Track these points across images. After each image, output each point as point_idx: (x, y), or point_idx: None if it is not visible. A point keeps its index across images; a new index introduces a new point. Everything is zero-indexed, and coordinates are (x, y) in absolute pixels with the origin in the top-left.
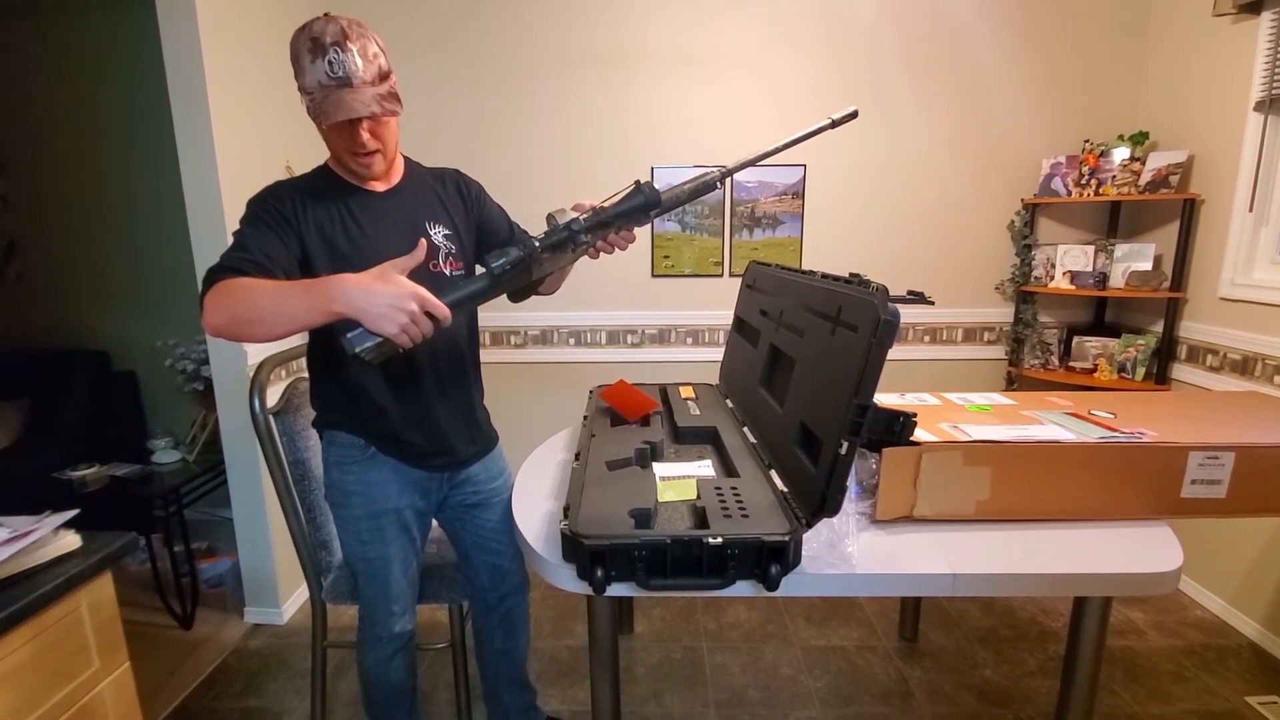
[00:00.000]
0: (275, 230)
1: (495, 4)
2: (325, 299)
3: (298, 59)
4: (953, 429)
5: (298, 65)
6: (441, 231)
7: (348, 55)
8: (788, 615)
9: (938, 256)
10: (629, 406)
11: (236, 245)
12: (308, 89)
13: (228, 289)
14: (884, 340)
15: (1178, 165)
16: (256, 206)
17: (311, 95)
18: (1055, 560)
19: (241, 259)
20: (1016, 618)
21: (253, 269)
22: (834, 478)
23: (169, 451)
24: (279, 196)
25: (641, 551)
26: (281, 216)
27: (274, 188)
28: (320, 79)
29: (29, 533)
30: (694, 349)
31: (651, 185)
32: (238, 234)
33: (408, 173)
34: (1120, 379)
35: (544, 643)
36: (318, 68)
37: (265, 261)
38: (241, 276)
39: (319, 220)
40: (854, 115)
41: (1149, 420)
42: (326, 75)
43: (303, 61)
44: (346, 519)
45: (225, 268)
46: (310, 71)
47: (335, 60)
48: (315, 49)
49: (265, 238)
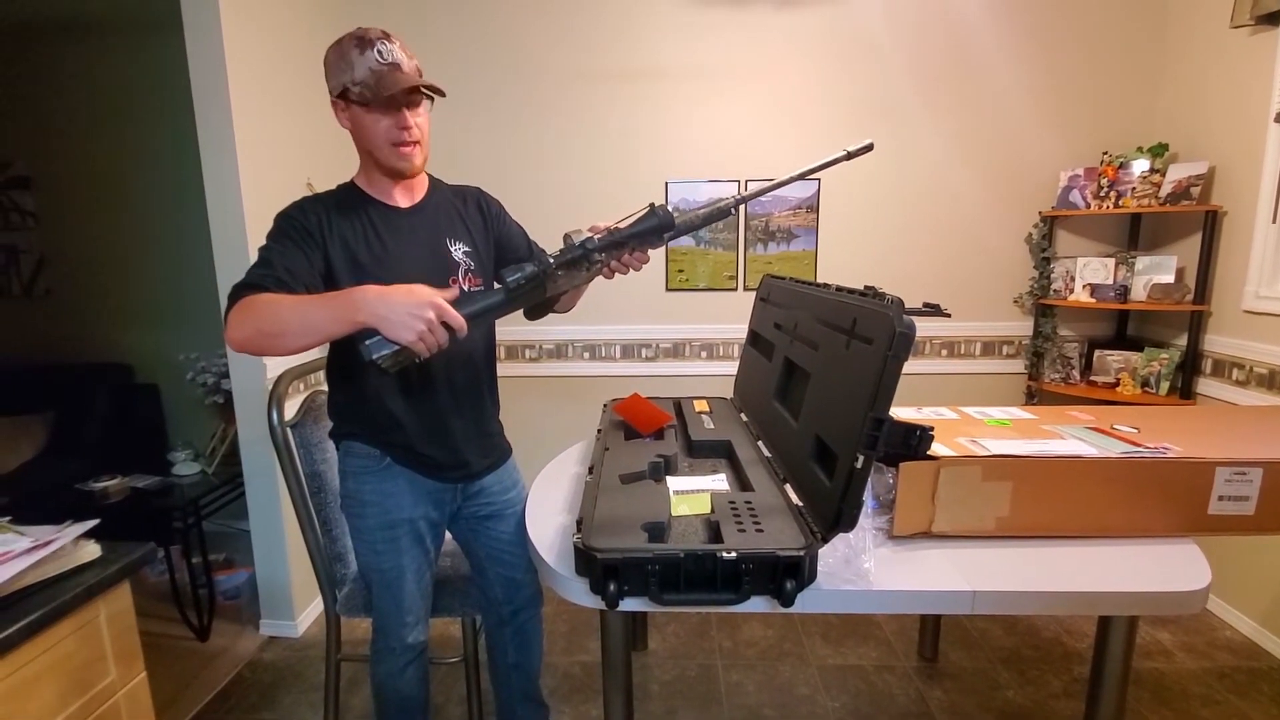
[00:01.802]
0: (299, 245)
1: (511, 24)
2: (349, 308)
3: (343, 57)
4: (971, 443)
5: (343, 63)
6: (461, 248)
7: (394, 46)
8: (804, 633)
9: (954, 269)
10: (643, 420)
11: (261, 261)
12: (357, 79)
13: (251, 304)
14: (899, 353)
15: (1199, 177)
16: (283, 221)
17: (363, 83)
18: (1078, 578)
19: (264, 275)
20: (1040, 638)
21: (274, 285)
22: (850, 492)
23: (189, 464)
24: (305, 211)
25: (655, 565)
26: (306, 231)
27: (301, 203)
28: (371, 65)
29: (50, 542)
30: (708, 363)
31: (666, 208)
32: (264, 249)
33: (431, 190)
34: (1144, 393)
35: (557, 658)
36: (368, 57)
37: (287, 278)
38: (264, 292)
39: (343, 234)
40: (869, 148)
41: (1174, 435)
42: (377, 61)
43: (349, 57)
44: (361, 529)
45: (249, 285)
46: (359, 63)
47: (384, 50)
48: (362, 44)
49: (289, 253)
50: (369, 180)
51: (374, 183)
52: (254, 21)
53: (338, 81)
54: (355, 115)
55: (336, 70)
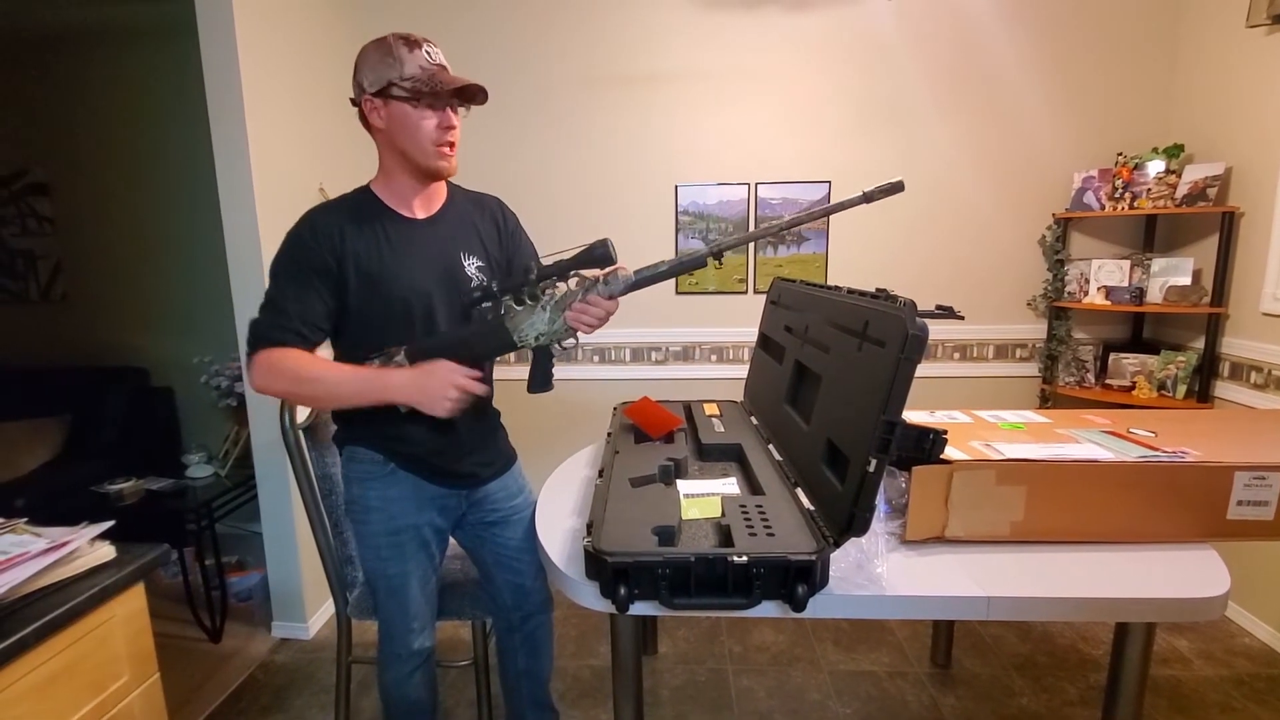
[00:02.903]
0: (312, 286)
1: (519, 28)
2: (379, 391)
3: (389, 54)
4: (985, 447)
5: (390, 59)
6: (475, 263)
7: (438, 51)
8: (815, 638)
9: (966, 272)
10: (653, 423)
11: (275, 308)
12: (406, 75)
13: (277, 365)
14: (912, 355)
15: (1215, 177)
16: (295, 252)
17: (413, 79)
18: (1095, 584)
19: (284, 329)
20: (1055, 644)
21: (295, 339)
22: (862, 496)
23: (202, 466)
24: (318, 235)
25: (665, 569)
26: (323, 268)
27: (313, 221)
28: (422, 64)
29: (65, 543)
30: (718, 366)
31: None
32: (276, 291)
33: (448, 200)
34: (1161, 397)
35: (567, 662)
36: (417, 56)
37: (307, 330)
38: (287, 348)
39: (356, 250)
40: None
41: (1191, 439)
42: (428, 61)
43: (397, 54)
44: (366, 535)
45: (269, 340)
46: (410, 60)
47: (431, 51)
48: (410, 43)
49: (304, 299)
50: (389, 186)
51: (394, 189)
52: (268, 28)
53: (379, 77)
54: (397, 112)
55: (380, 67)
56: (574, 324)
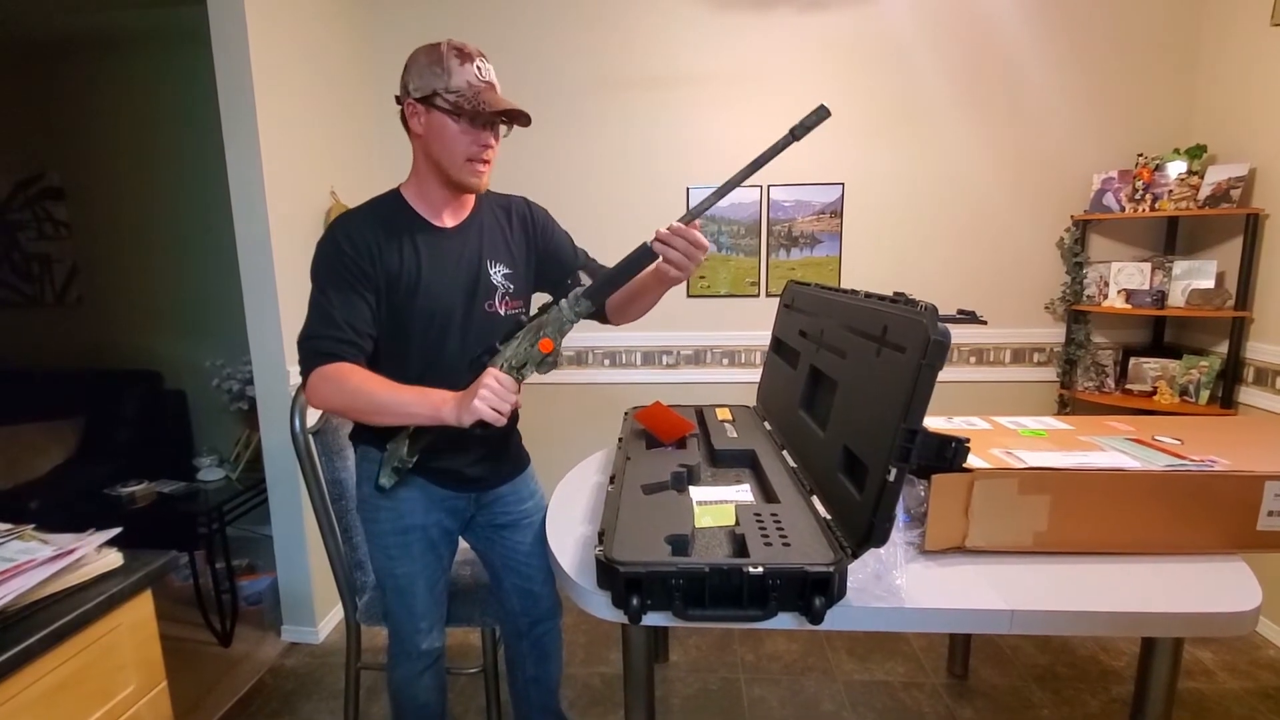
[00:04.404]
0: (358, 292)
1: (530, 29)
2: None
3: (439, 63)
4: (1006, 455)
5: (439, 69)
6: (501, 270)
7: (490, 67)
8: (829, 647)
9: (983, 275)
10: (665, 429)
11: (325, 318)
12: (453, 88)
13: (341, 381)
14: (934, 361)
15: (1239, 179)
16: (335, 260)
17: (459, 93)
18: (1121, 598)
19: (339, 341)
20: (1075, 655)
21: (352, 352)
22: (881, 506)
23: (214, 469)
24: (356, 245)
25: (679, 580)
26: (361, 274)
27: (348, 229)
28: (470, 79)
29: (71, 551)
30: (730, 370)
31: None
32: (323, 299)
33: (476, 207)
34: (1183, 402)
35: (576, 669)
36: (468, 70)
37: (360, 340)
38: (343, 362)
39: (390, 264)
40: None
41: (1219, 447)
42: (476, 77)
43: (448, 65)
44: (375, 533)
45: (325, 354)
46: (459, 73)
47: (483, 68)
48: (463, 56)
49: (353, 306)
50: (420, 191)
51: (425, 195)
52: (280, 33)
53: (425, 84)
54: (437, 122)
55: (427, 74)
56: (661, 252)
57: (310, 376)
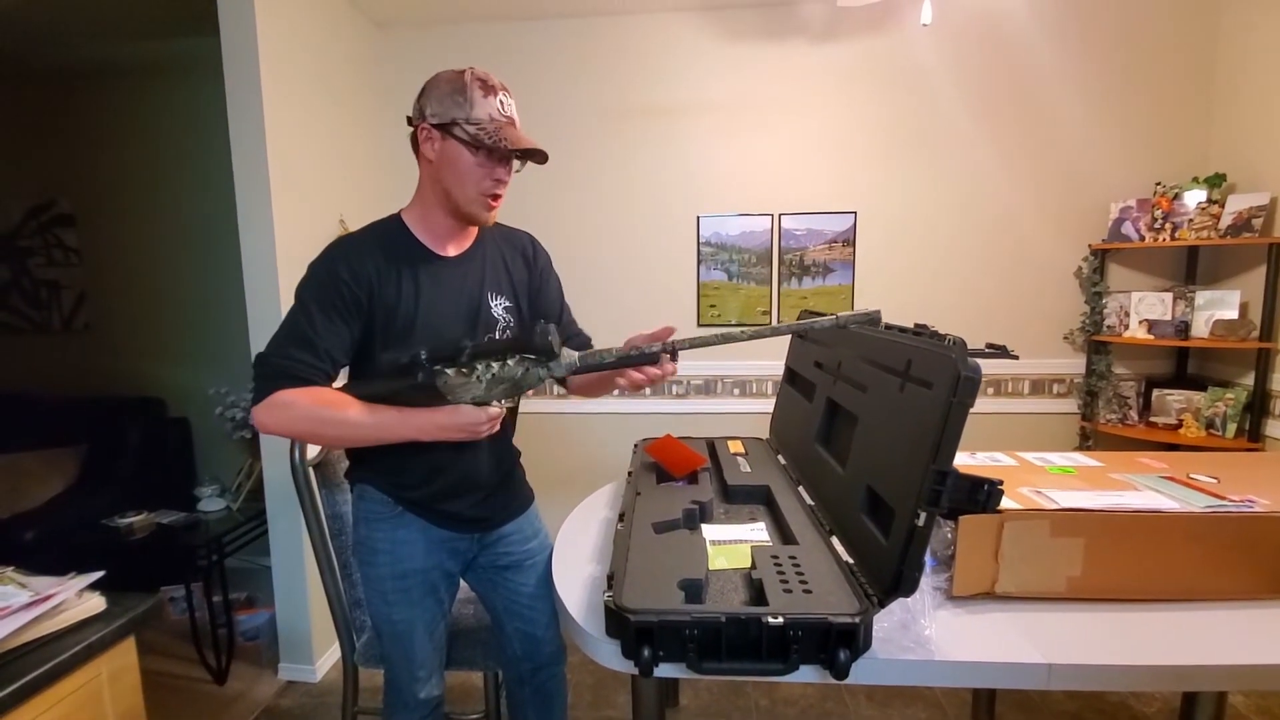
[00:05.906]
0: (344, 320)
1: (538, 60)
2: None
3: (462, 92)
4: (1035, 494)
5: (460, 98)
6: (502, 303)
7: (512, 102)
8: (848, 693)
9: (1000, 305)
10: (676, 463)
11: (301, 340)
12: (473, 119)
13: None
14: (965, 399)
15: (1261, 208)
16: (330, 288)
17: (479, 125)
18: (1165, 649)
19: (310, 366)
20: (1105, 701)
21: (321, 378)
22: (910, 553)
23: (215, 499)
24: (355, 274)
25: (693, 630)
26: (355, 304)
27: (347, 255)
28: (492, 113)
29: (49, 597)
30: (741, 400)
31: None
32: (304, 316)
33: (479, 237)
34: (1209, 436)
35: (583, 713)
36: (490, 103)
37: (332, 371)
38: (305, 385)
39: (387, 295)
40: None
41: (1256, 486)
42: (498, 111)
43: (471, 95)
44: (372, 577)
45: (288, 375)
46: (482, 105)
47: (505, 102)
48: (486, 87)
49: (334, 331)
50: (424, 219)
51: (429, 223)
52: (291, 66)
53: (444, 111)
54: (452, 151)
55: (448, 101)
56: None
57: (270, 396)
